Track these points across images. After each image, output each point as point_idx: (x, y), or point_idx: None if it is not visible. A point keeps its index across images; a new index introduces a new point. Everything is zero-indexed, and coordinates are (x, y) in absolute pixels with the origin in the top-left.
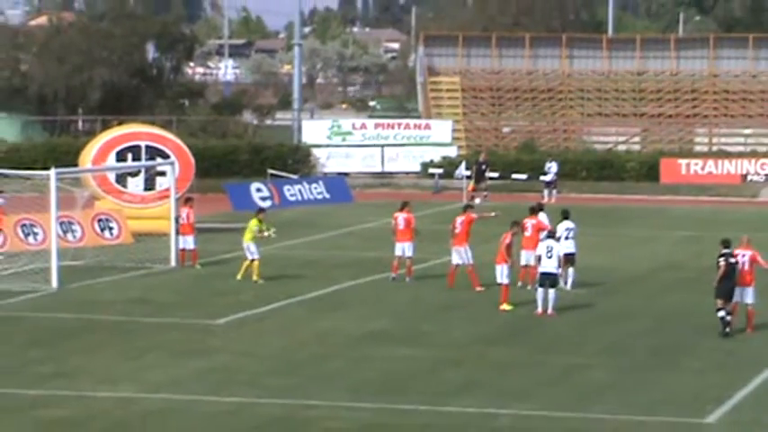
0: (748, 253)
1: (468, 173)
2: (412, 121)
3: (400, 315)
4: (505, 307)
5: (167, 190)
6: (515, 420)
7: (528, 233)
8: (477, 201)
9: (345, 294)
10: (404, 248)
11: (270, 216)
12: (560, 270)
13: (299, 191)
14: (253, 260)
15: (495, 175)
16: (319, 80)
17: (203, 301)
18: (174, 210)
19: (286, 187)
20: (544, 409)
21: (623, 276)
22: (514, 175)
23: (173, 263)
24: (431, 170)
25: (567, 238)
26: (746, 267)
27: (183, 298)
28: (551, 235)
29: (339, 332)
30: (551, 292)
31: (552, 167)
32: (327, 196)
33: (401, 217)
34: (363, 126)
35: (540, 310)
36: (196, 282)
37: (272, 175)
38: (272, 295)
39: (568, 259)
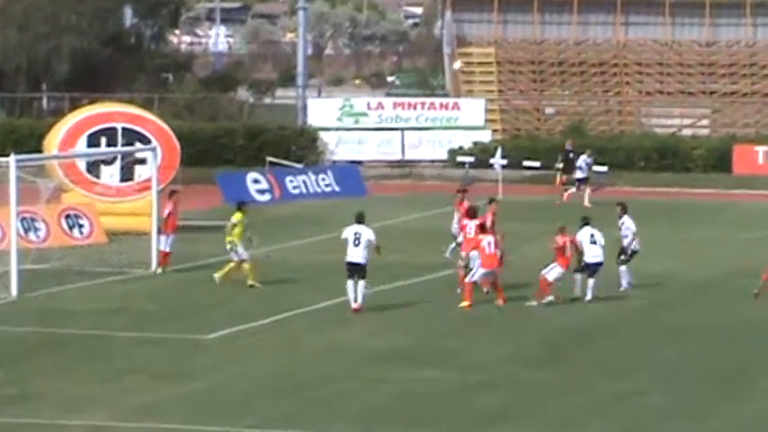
0: None
1: (504, 161)
2: (437, 100)
3: (421, 330)
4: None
5: (148, 181)
6: None
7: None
8: (574, 191)
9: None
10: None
11: (269, 212)
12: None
13: (304, 182)
14: (242, 261)
15: (537, 164)
16: (328, 51)
17: (190, 313)
18: (156, 204)
19: (288, 178)
20: None
21: (687, 285)
22: (559, 165)
23: (154, 267)
24: (460, 158)
25: (592, 243)
26: None
27: (166, 308)
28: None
29: (348, 349)
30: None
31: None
32: (337, 189)
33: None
34: (380, 106)
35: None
36: (182, 290)
37: (271, 163)
38: (270, 306)
39: (593, 271)
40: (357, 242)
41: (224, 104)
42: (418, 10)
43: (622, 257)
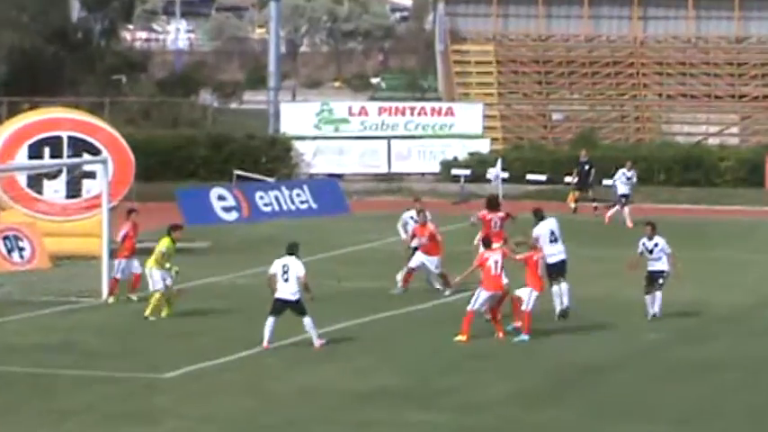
0: None
1: (505, 174)
2: (429, 105)
3: (411, 367)
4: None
5: (98, 197)
6: None
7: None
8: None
9: (338, 339)
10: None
11: (236, 233)
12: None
13: (276, 199)
14: (155, 291)
15: (542, 178)
16: (304, 48)
17: (145, 349)
18: (107, 224)
19: (258, 194)
20: None
21: (713, 314)
22: (568, 179)
23: (105, 296)
24: (454, 171)
25: (553, 241)
26: None
27: (118, 343)
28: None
29: (328, 389)
30: None
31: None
32: (314, 206)
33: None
34: (363, 111)
35: None
36: (136, 322)
37: (239, 177)
38: (236, 341)
39: (559, 272)
40: (286, 276)
41: (185, 110)
42: (407, 2)
43: (660, 282)
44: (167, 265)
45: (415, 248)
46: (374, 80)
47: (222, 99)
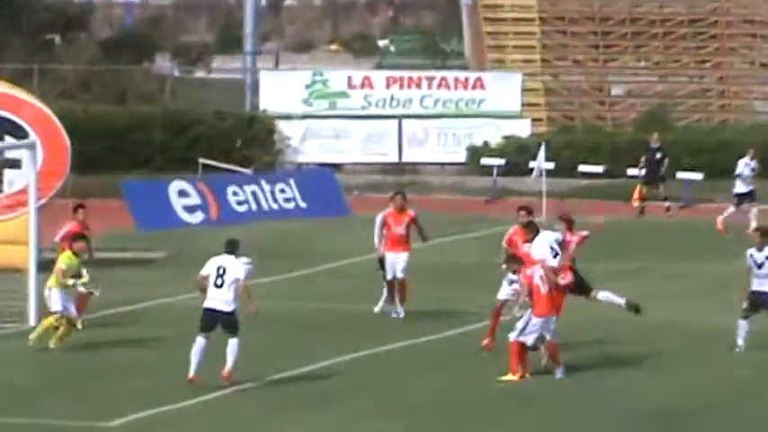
0: None
1: (551, 165)
2: (451, 75)
3: (427, 410)
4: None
5: (23, 192)
6: None
7: None
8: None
9: (332, 376)
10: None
11: (201, 240)
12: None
13: (254, 195)
14: (54, 313)
15: (599, 169)
16: (290, 2)
17: (87, 388)
18: (35, 226)
19: (231, 189)
20: None
21: None
22: (633, 171)
23: (32, 320)
24: (485, 161)
25: (556, 256)
26: None
27: (52, 381)
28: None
29: None
30: None
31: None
32: (303, 205)
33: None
34: (367, 82)
35: None
36: (74, 354)
37: (205, 167)
38: (200, 378)
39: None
40: (220, 281)
41: (136, 80)
42: None
43: None
44: (70, 282)
45: (381, 259)
46: (381, 43)
47: (185, 66)
